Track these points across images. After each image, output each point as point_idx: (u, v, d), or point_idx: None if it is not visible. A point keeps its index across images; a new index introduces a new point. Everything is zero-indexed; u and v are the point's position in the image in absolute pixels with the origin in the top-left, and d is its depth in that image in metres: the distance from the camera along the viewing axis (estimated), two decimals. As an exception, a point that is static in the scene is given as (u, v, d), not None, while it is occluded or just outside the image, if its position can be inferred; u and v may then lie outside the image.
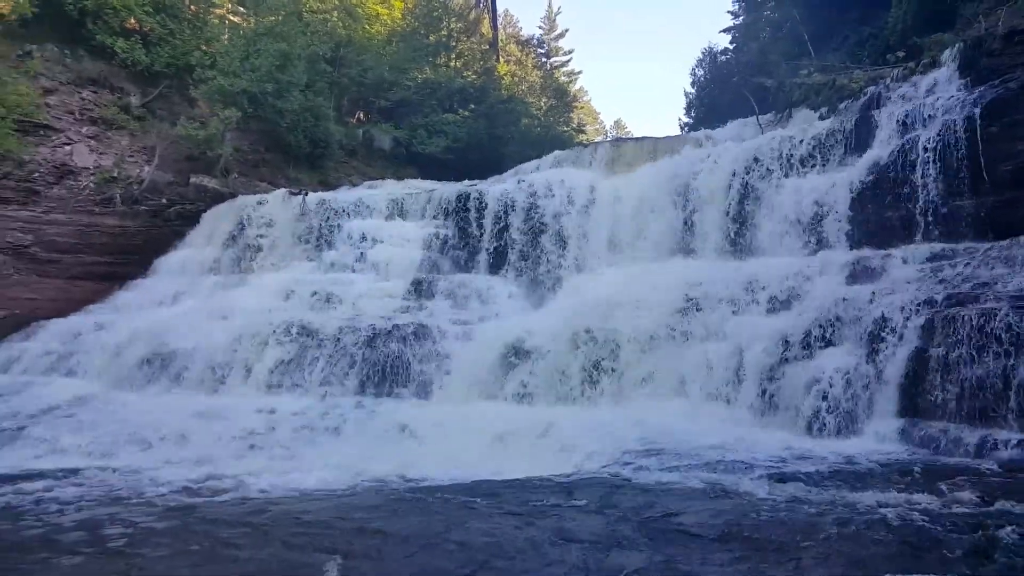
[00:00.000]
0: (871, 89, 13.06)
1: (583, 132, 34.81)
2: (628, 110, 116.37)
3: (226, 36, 21.52)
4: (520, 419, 10.02)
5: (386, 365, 11.90)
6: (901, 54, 13.04)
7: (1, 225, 16.12)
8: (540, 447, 8.64)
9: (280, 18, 21.79)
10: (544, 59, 36.08)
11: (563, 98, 33.03)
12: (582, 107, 37.98)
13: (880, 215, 11.20)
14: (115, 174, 17.61)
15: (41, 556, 4.23)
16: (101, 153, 18.05)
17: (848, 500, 5.47)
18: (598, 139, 37.83)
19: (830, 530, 4.59)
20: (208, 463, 8.25)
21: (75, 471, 7.84)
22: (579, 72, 37.58)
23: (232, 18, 23.30)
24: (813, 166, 12.27)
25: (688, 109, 27.61)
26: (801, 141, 12.49)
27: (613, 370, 10.83)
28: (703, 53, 27.13)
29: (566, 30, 38.83)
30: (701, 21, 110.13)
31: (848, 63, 15.24)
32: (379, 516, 5.09)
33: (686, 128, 27.66)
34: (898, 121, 11.57)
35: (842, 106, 13.17)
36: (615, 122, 47.58)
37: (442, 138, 25.53)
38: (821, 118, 13.41)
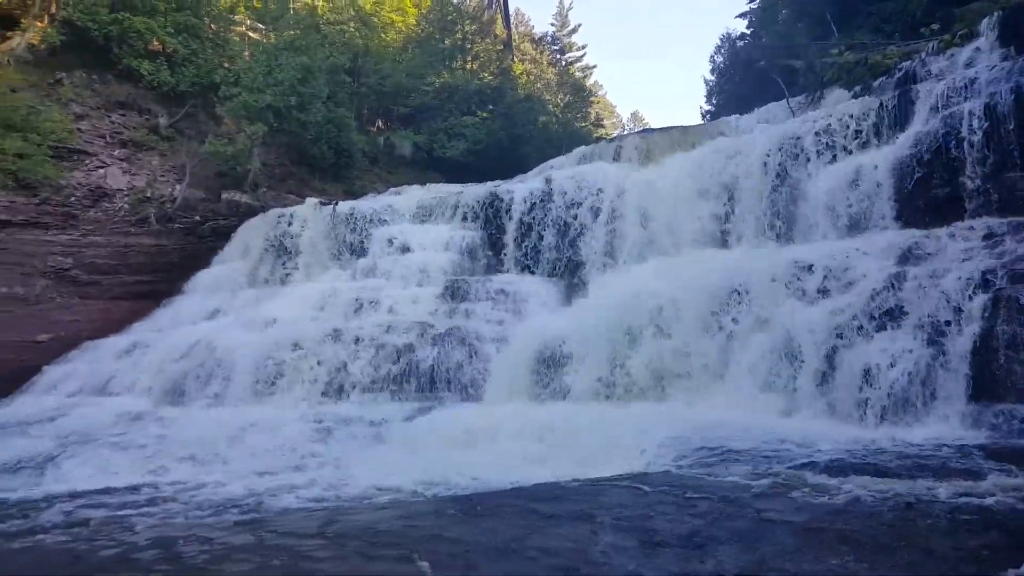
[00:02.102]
0: (906, 65, 12.77)
1: (601, 127, 34.60)
2: (644, 102, 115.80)
3: (247, 53, 21.70)
4: (565, 419, 9.89)
5: (426, 370, 11.89)
6: (936, 26, 12.71)
7: (42, 250, 16.41)
8: (592, 448, 8.48)
9: (299, 32, 21.96)
10: (558, 56, 35.94)
11: (580, 93, 32.87)
12: (598, 101, 37.76)
13: (926, 193, 10.89)
14: (148, 194, 17.85)
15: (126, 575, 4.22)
16: (134, 174, 18.33)
17: (931, 490, 5.26)
18: (616, 132, 37.64)
19: (922, 523, 4.43)
20: (262, 475, 8.25)
21: (133, 488, 7.88)
22: (593, 67, 37.53)
23: (252, 35, 23.51)
24: (852, 146, 11.98)
25: (709, 96, 27.35)
26: (838, 121, 12.20)
27: (656, 365, 10.67)
28: (721, 39, 26.92)
29: (579, 25, 38.74)
30: (713, 8, 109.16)
31: (877, 40, 14.92)
32: (450, 523, 5.02)
33: (707, 116, 27.40)
34: (939, 95, 11.27)
35: (876, 84, 12.91)
36: (632, 114, 47.41)
37: (462, 141, 25.53)
38: (855, 97, 13.13)
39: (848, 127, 12.08)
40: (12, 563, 4.78)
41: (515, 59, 31.43)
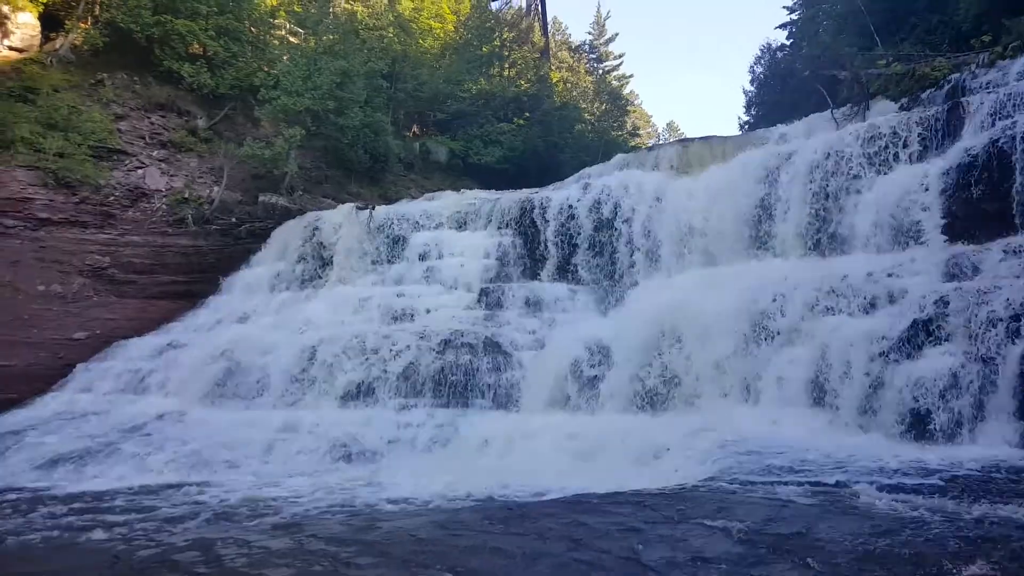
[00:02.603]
0: (955, 77, 12.45)
1: (637, 135, 34.36)
2: (680, 113, 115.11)
3: (286, 56, 21.90)
4: (601, 429, 9.79)
5: (461, 377, 11.81)
6: (987, 38, 12.37)
7: (80, 248, 16.65)
8: (629, 459, 8.38)
9: (338, 37, 22.12)
10: (595, 64, 35.86)
11: (616, 102, 32.69)
12: (634, 111, 37.59)
13: (975, 207, 10.56)
14: (186, 195, 18.06)
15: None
16: (172, 175, 18.55)
17: (989, 513, 5.06)
18: (652, 142, 37.40)
19: (981, 547, 4.23)
20: (297, 478, 8.23)
21: (169, 488, 7.91)
22: (630, 76, 37.28)
23: (291, 39, 23.75)
24: (899, 158, 11.69)
25: (748, 107, 27.02)
26: (885, 133, 11.92)
27: (695, 377, 10.49)
28: (761, 49, 26.62)
29: (616, 34, 38.61)
30: (751, 19, 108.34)
31: (924, 51, 14.60)
32: (492, 533, 4.92)
33: (746, 126, 27.09)
34: (990, 108, 10.96)
35: (924, 96, 12.59)
36: (667, 124, 47.11)
37: (498, 148, 25.51)
38: (902, 108, 12.83)
39: (896, 139, 11.79)
40: (54, 561, 4.79)
41: (552, 67, 31.36)
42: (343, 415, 11.19)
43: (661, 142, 37.86)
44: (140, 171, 18.16)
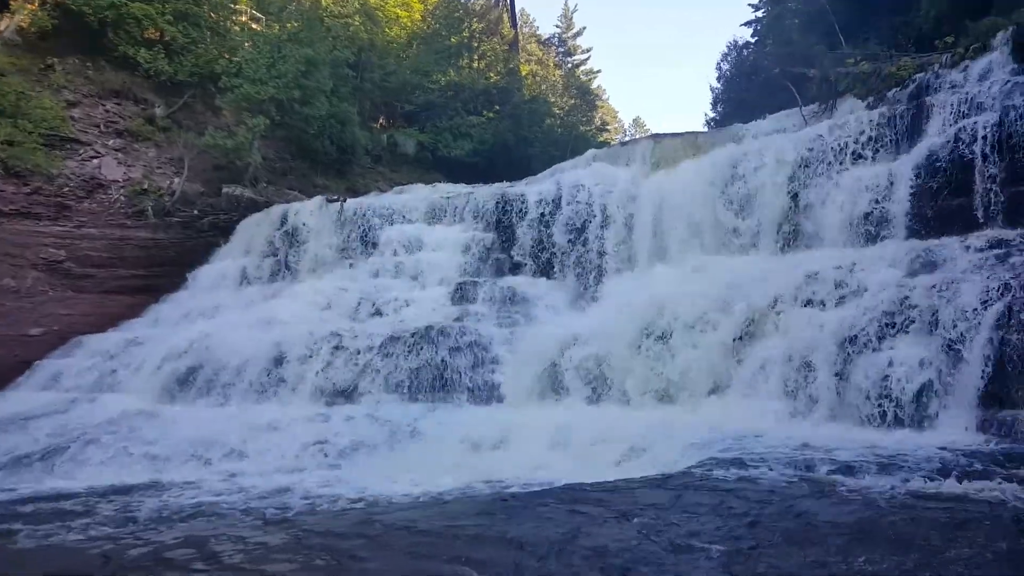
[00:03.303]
0: (919, 76, 12.79)
1: (606, 131, 34.52)
2: (645, 109, 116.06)
3: (248, 43, 21.37)
4: (580, 423, 9.82)
5: (438, 372, 11.72)
6: (950, 39, 12.75)
7: (34, 241, 16.04)
8: (612, 451, 8.41)
9: (302, 24, 21.65)
10: (564, 58, 35.89)
11: (585, 96, 32.78)
12: (602, 106, 37.77)
13: (939, 204, 10.91)
14: (145, 186, 17.53)
15: (165, 574, 4.07)
16: (129, 165, 17.97)
17: (964, 493, 5.30)
18: (618, 137, 37.66)
19: (962, 527, 4.39)
20: (277, 474, 8.09)
21: (146, 486, 7.72)
22: (598, 71, 37.54)
23: (253, 25, 23.17)
24: (866, 156, 11.99)
25: (714, 104, 27.35)
26: (853, 131, 12.21)
27: (671, 370, 10.60)
28: (728, 47, 26.93)
29: (583, 28, 38.68)
30: (715, 17, 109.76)
31: (889, 51, 14.97)
32: (490, 523, 4.91)
33: (712, 123, 27.42)
34: (953, 107, 11.30)
35: (890, 94, 12.92)
36: (633, 120, 47.35)
37: (468, 141, 25.35)
38: (869, 107, 13.14)
39: (863, 137, 12.08)
40: (41, 562, 4.62)
41: (521, 60, 31.27)
42: (316, 412, 11.01)
43: (630, 137, 38.17)
44: (95, 161, 17.55)
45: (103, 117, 18.36)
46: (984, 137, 10.53)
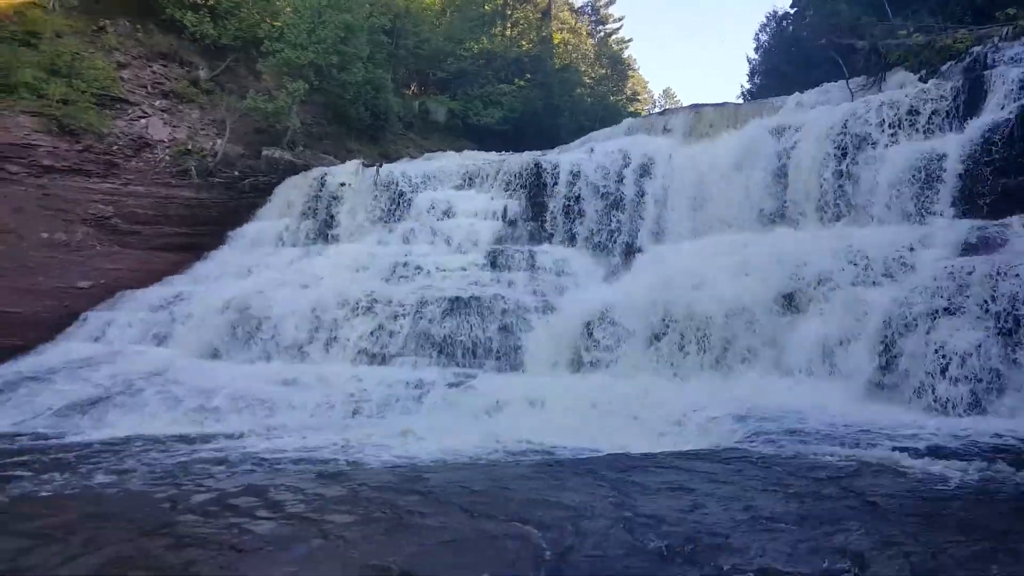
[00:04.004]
0: (976, 50, 12.39)
1: (637, 101, 34.03)
2: (676, 79, 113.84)
3: (288, 9, 21.40)
4: (617, 391, 9.83)
5: (470, 337, 11.81)
6: (1012, 11, 12.30)
7: (84, 197, 16.38)
8: (652, 421, 8.43)
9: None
10: (597, 27, 35.32)
11: (617, 66, 32.28)
12: (632, 76, 37.17)
13: (994, 182, 10.62)
14: (189, 147, 17.76)
15: (232, 520, 4.18)
16: (174, 126, 18.22)
17: (1005, 478, 5.20)
18: (648, 108, 37.12)
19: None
20: (320, 431, 8.25)
21: (193, 437, 7.91)
22: (629, 40, 36.75)
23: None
24: (918, 130, 11.68)
25: (751, 75, 26.80)
26: (904, 104, 11.88)
27: (707, 343, 10.57)
28: (767, 17, 26.29)
29: (617, -5, 37.71)
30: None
31: (939, 23, 14.49)
32: (542, 488, 4.96)
33: (747, 95, 26.92)
34: (1016, 81, 10.93)
35: (944, 68, 12.53)
36: (663, 91, 46.60)
37: (498, 109, 25.20)
38: (921, 80, 12.77)
39: (915, 111, 11.76)
40: (109, 505, 4.78)
41: (553, 28, 30.87)
42: (354, 371, 11.20)
43: (660, 108, 37.59)
44: (143, 121, 17.81)
45: (150, 78, 18.60)
46: (1046, 113, 10.20)
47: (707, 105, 15.80)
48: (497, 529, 4.00)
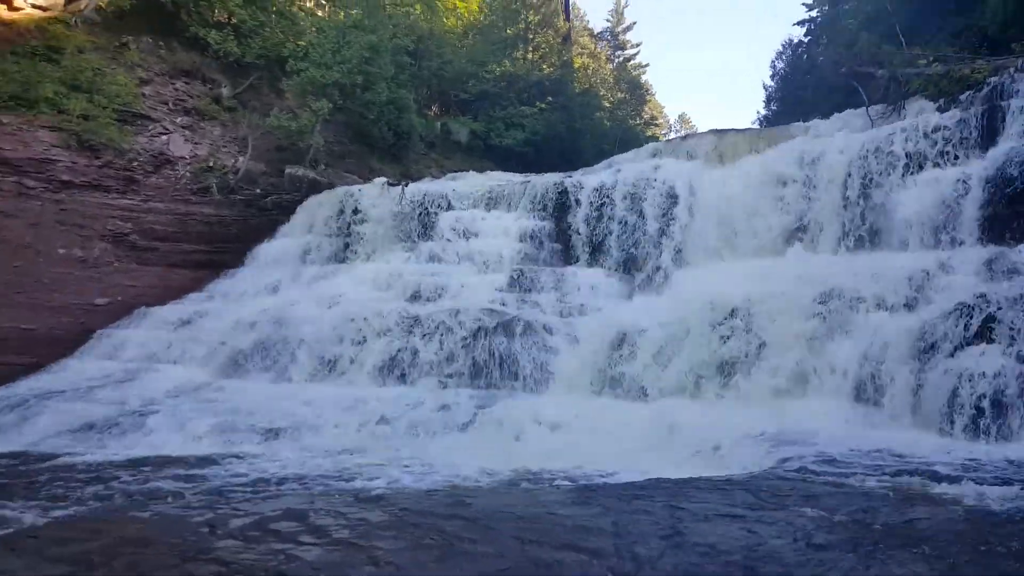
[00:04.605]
0: (993, 79, 12.44)
1: (655, 125, 34.24)
2: (690, 105, 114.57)
3: (313, 28, 21.69)
4: (646, 415, 9.79)
5: (496, 358, 11.75)
6: (1030, 42, 12.35)
7: (102, 213, 16.45)
8: (684, 446, 8.35)
9: (363, 11, 21.87)
10: (615, 52, 35.67)
11: (635, 91, 32.52)
12: (649, 100, 37.45)
13: (1014, 210, 10.62)
14: (210, 164, 17.89)
15: (275, 546, 4.11)
16: (196, 143, 18.36)
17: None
18: (664, 133, 37.34)
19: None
20: (348, 453, 8.20)
21: (219, 457, 7.86)
22: (646, 65, 37.06)
23: (317, 12, 23.50)
24: (939, 158, 11.70)
25: (767, 102, 27.00)
26: (925, 132, 11.93)
27: (735, 368, 10.50)
28: (783, 45, 26.51)
29: (634, 23, 38.31)
30: (765, 15, 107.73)
31: (956, 52, 14.57)
32: (588, 513, 4.89)
33: (764, 121, 27.04)
34: (1033, 112, 10.96)
35: (963, 97, 12.57)
36: (679, 116, 46.84)
37: (519, 131, 25.38)
38: (940, 110, 12.81)
39: (936, 139, 11.80)
40: (148, 529, 4.72)
41: (574, 53, 31.20)
42: (379, 392, 11.14)
43: (675, 133, 37.80)
44: (164, 137, 17.96)
45: (172, 95, 18.78)
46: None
47: (730, 130, 15.87)
48: (551, 556, 3.93)
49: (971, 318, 9.04)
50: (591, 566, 3.72)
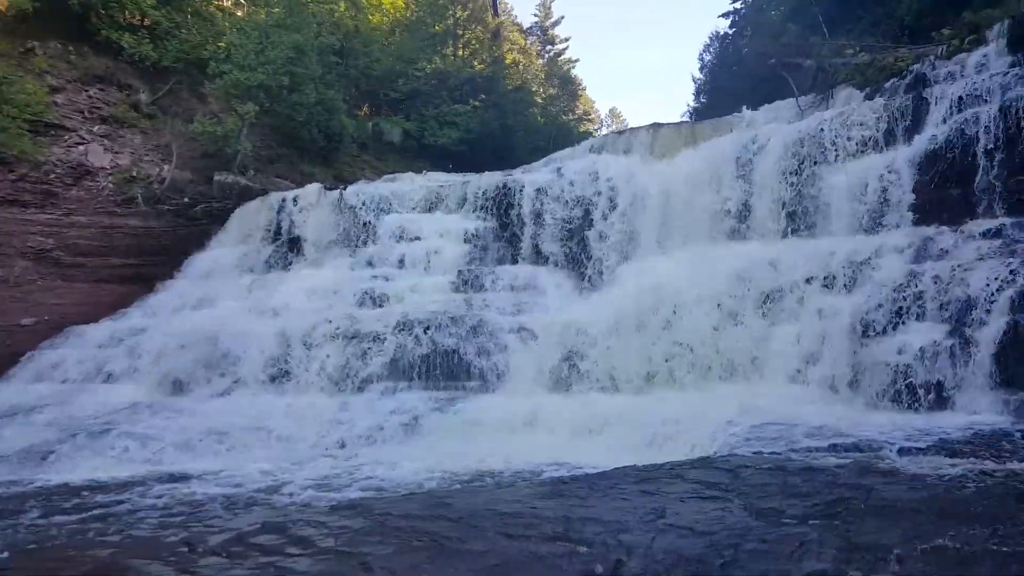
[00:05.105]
0: (915, 68, 13.12)
1: (588, 120, 34.66)
2: (618, 99, 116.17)
3: (233, 30, 20.97)
4: (599, 409, 9.92)
5: (448, 360, 11.71)
6: (946, 32, 13.08)
7: (21, 229, 15.60)
8: (640, 436, 8.51)
9: (284, 10, 21.32)
10: (545, 47, 35.91)
11: (567, 86, 32.83)
12: (581, 96, 37.90)
13: (940, 193, 11.23)
14: (133, 173, 17.15)
15: (262, 559, 4.00)
16: (116, 152, 17.56)
17: (1014, 470, 5.48)
18: (595, 128, 37.86)
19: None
20: (311, 463, 8.02)
21: (179, 476, 7.58)
22: (576, 60, 37.52)
23: (236, 12, 22.77)
24: (868, 145, 12.26)
25: (697, 94, 27.65)
26: (854, 120, 12.47)
27: (685, 357, 10.78)
28: (710, 38, 27.20)
29: (562, 17, 38.74)
30: (688, 9, 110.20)
31: (880, 42, 15.30)
32: (569, 504, 4.93)
33: (693, 114, 27.72)
34: (954, 98, 11.61)
35: (887, 85, 13.21)
36: (609, 111, 47.52)
37: (454, 129, 25.26)
38: (867, 98, 13.43)
39: (865, 126, 12.35)
40: (122, 554, 4.53)
41: (505, 49, 31.26)
42: (332, 401, 10.94)
43: (612, 127, 38.36)
44: (81, 147, 17.11)
45: (87, 103, 17.88)
46: (986, 128, 10.84)
47: (666, 124, 16.23)
48: (542, 549, 3.95)
49: (905, 298, 9.54)
50: (583, 555, 3.76)
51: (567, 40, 36.96)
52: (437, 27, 28.09)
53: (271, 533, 4.59)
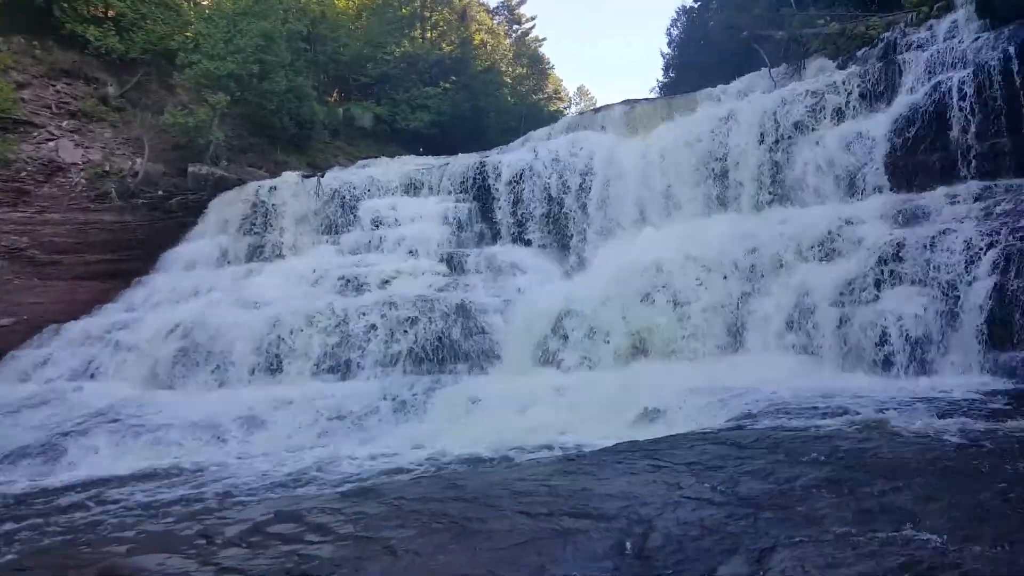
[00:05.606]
0: (886, 35, 13.26)
1: (559, 99, 34.57)
2: (587, 77, 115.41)
3: (199, 19, 20.53)
4: (591, 384, 10.01)
5: (434, 343, 11.74)
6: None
7: (-7, 228, 15.25)
8: (635, 411, 8.58)
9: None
10: (512, 27, 35.64)
11: (536, 65, 32.69)
12: (549, 75, 37.72)
13: (917, 159, 11.40)
14: (106, 168, 16.79)
15: (283, 548, 4.00)
16: (87, 147, 17.17)
17: (990, 428, 5.64)
18: (564, 106, 37.72)
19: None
20: (310, 450, 8.02)
21: (178, 470, 7.55)
22: (544, 39, 37.24)
23: (203, 1, 22.29)
24: (844, 114, 12.40)
25: (666, 69, 27.67)
26: (828, 90, 12.59)
27: (672, 329, 10.90)
28: (677, 12, 27.18)
29: (527, -5, 38.14)
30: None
31: (850, 11, 15.41)
32: (579, 481, 4.99)
33: (663, 89, 27.75)
34: (926, 64, 11.77)
35: (859, 54, 13.34)
36: (578, 89, 47.34)
37: (425, 112, 25.07)
38: (839, 67, 13.56)
39: (839, 95, 12.47)
40: (140, 549, 4.52)
41: (473, 30, 30.99)
42: (324, 388, 10.92)
43: (582, 105, 38.28)
44: (51, 143, 16.70)
45: (54, 98, 17.45)
46: (960, 92, 10.98)
47: (640, 100, 16.25)
48: (564, 525, 4.01)
49: (886, 263, 9.70)
50: (606, 531, 3.82)
51: (533, 19, 36.86)
52: (404, 9, 27.77)
53: (287, 522, 4.59)
